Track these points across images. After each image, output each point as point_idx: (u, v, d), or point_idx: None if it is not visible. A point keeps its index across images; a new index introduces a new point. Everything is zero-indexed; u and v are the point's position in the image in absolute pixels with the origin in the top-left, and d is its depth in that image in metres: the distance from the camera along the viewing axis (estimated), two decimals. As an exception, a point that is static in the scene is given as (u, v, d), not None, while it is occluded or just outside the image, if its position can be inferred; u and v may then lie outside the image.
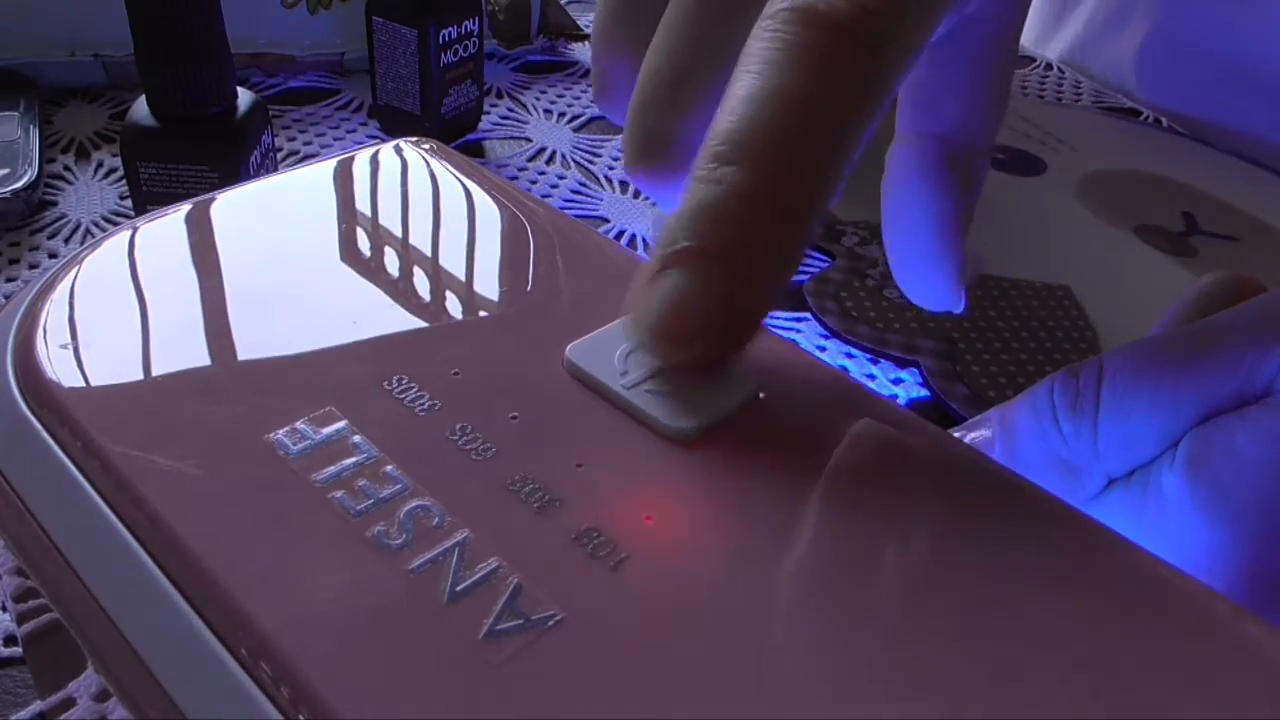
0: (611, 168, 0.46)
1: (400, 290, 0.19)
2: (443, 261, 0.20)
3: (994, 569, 0.15)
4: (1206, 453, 0.19)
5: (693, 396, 0.17)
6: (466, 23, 0.44)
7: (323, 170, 0.23)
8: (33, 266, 0.36)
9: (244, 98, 0.34)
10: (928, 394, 0.34)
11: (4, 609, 0.24)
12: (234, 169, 0.33)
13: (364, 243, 0.21)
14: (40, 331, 0.18)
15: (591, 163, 0.46)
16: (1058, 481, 0.21)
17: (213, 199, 0.21)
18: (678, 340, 0.16)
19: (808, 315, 0.37)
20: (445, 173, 0.23)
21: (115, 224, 0.39)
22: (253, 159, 0.34)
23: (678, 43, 0.20)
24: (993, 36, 0.22)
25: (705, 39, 0.20)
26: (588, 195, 0.44)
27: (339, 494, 0.15)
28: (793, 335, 0.36)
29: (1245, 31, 0.53)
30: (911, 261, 0.23)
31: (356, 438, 0.16)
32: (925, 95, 0.22)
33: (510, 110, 0.50)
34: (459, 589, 0.14)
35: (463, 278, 0.20)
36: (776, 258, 0.17)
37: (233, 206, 0.21)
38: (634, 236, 0.41)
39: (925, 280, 0.23)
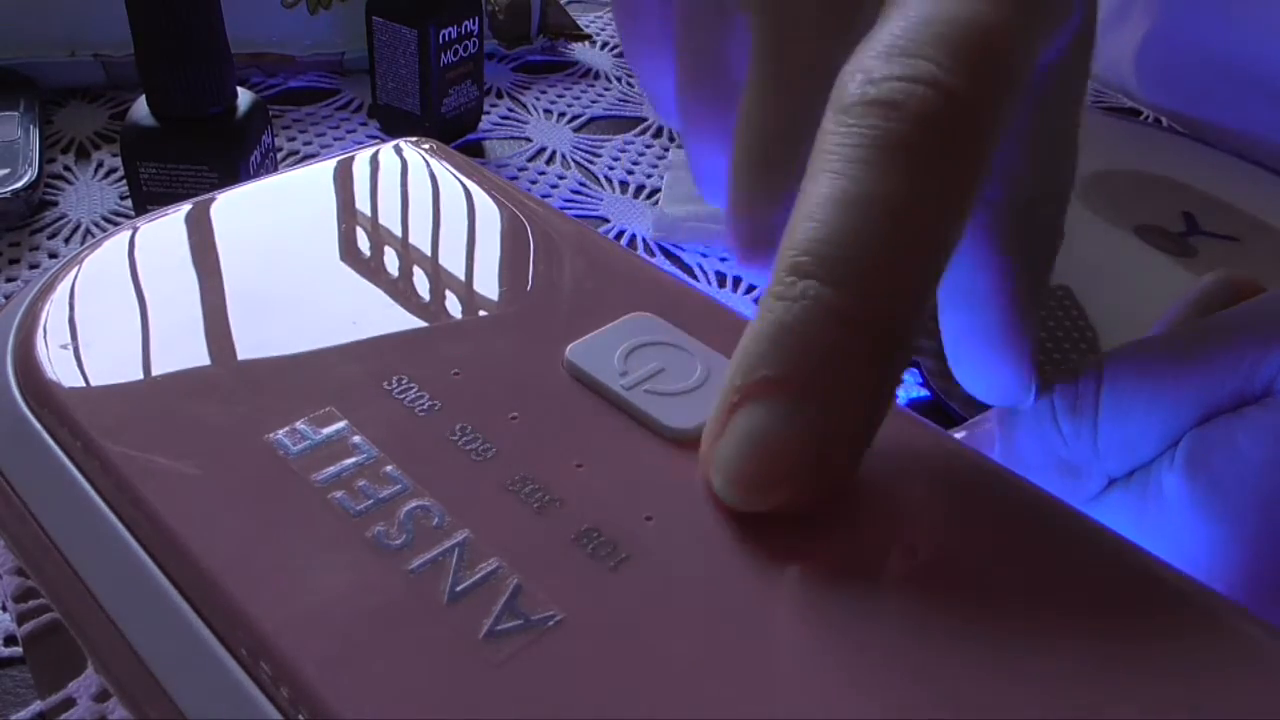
0: (611, 168, 0.46)
1: (400, 290, 0.19)
2: (443, 262, 0.20)
3: (993, 569, 0.15)
4: (1206, 452, 0.18)
5: (692, 397, 0.17)
6: (466, 23, 0.44)
7: (323, 170, 0.23)
8: (33, 266, 0.36)
9: (244, 98, 0.34)
10: (928, 394, 0.34)
11: (4, 609, 0.24)
12: (234, 169, 0.33)
13: (364, 243, 0.21)
14: (40, 331, 0.17)
15: (591, 163, 0.46)
16: (1058, 481, 0.20)
17: (213, 199, 0.21)
18: (762, 487, 0.14)
19: (808, 315, 0.37)
20: (445, 173, 0.23)
21: (115, 224, 0.39)
22: (253, 159, 0.34)
23: (755, 133, 0.19)
24: (1063, 85, 0.19)
25: (784, 130, 0.18)
26: (588, 195, 0.44)
27: (339, 494, 0.15)
28: (793, 335, 0.36)
29: (1245, 31, 0.53)
30: (974, 343, 0.20)
31: (356, 438, 0.16)
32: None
33: (510, 110, 0.50)
34: (459, 589, 0.14)
35: (462, 278, 0.20)
36: (873, 387, 0.14)
37: (233, 206, 0.21)
38: (634, 236, 0.41)
39: (988, 365, 0.20)
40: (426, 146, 0.24)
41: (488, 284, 0.20)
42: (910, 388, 0.34)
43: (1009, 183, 0.19)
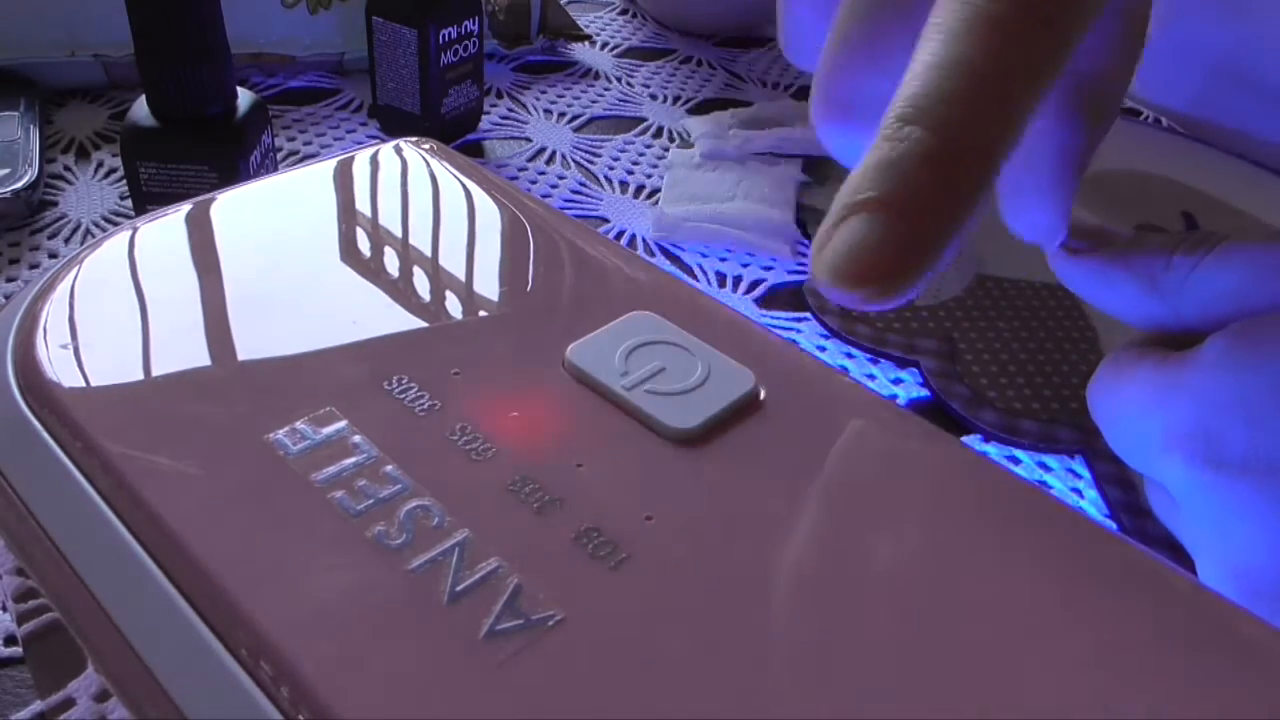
0: (611, 168, 0.46)
1: (400, 290, 0.19)
2: (442, 262, 0.20)
3: (993, 569, 0.15)
4: (1247, 324, 0.22)
5: (693, 396, 0.17)
6: (466, 23, 0.44)
7: (323, 170, 0.23)
8: (33, 266, 0.36)
9: (244, 98, 0.34)
10: (928, 394, 0.34)
11: (4, 609, 0.24)
12: (234, 169, 0.33)
13: (364, 243, 0.21)
14: (40, 331, 0.17)
15: (591, 163, 0.46)
16: (1138, 297, 0.24)
17: (213, 199, 0.21)
18: (858, 281, 0.17)
19: (808, 315, 0.37)
20: (445, 173, 0.23)
21: (115, 224, 0.39)
22: (253, 159, 0.34)
23: (860, 6, 0.22)
24: None
25: (887, 4, 0.21)
26: (588, 195, 0.44)
27: (339, 494, 0.15)
28: (793, 335, 0.36)
29: (1246, 33, 0.53)
30: (1024, 190, 0.24)
31: (356, 438, 0.16)
32: None
33: (510, 110, 0.50)
34: (459, 589, 0.14)
35: (462, 278, 0.20)
36: (952, 214, 0.17)
37: (233, 206, 0.21)
38: (634, 236, 0.41)
39: (1033, 211, 0.24)
40: (426, 146, 0.24)
41: (488, 284, 0.20)
42: (910, 388, 0.34)
43: (1089, 58, 0.22)
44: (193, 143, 0.33)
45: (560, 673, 0.13)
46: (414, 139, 0.24)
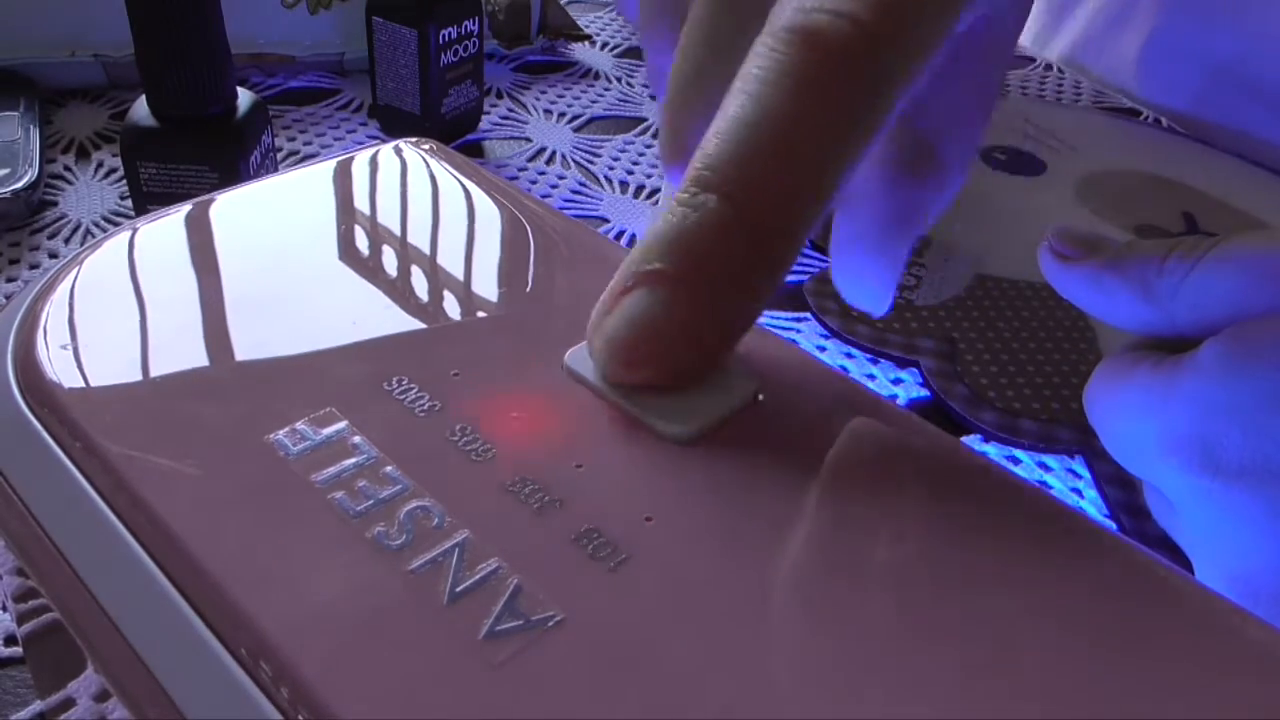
0: (611, 168, 0.46)
1: (400, 291, 0.19)
2: (442, 262, 0.20)
3: (993, 569, 0.15)
4: (1243, 328, 0.21)
5: (692, 399, 0.17)
6: (466, 23, 0.44)
7: (323, 170, 0.23)
8: (33, 267, 0.36)
9: (244, 98, 0.34)
10: (928, 394, 0.34)
11: (4, 609, 0.24)
12: (234, 169, 0.33)
13: (364, 243, 0.21)
14: (40, 332, 0.18)
15: (591, 163, 0.46)
16: (1131, 304, 0.23)
17: (213, 199, 0.21)
18: (630, 362, 0.16)
19: (808, 315, 0.37)
20: (445, 173, 0.23)
21: (115, 224, 0.39)
22: (253, 159, 0.34)
23: (692, 47, 0.20)
24: (989, 44, 0.22)
25: (717, 45, 0.20)
26: (588, 195, 0.44)
27: (339, 494, 0.15)
28: (793, 335, 0.36)
29: (1246, 34, 0.53)
30: (854, 249, 0.22)
31: (356, 438, 0.16)
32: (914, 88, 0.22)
33: (510, 110, 0.50)
34: (459, 589, 0.14)
35: (462, 278, 0.20)
36: (747, 293, 0.16)
37: (233, 206, 0.21)
38: (634, 236, 0.41)
39: (861, 273, 0.23)
40: (426, 147, 0.24)
41: (488, 284, 0.20)
42: (910, 388, 0.34)
43: (919, 122, 0.21)
44: (193, 143, 0.33)
45: (560, 673, 0.13)
46: (414, 139, 0.24)
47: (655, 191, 0.44)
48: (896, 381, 0.34)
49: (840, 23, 0.16)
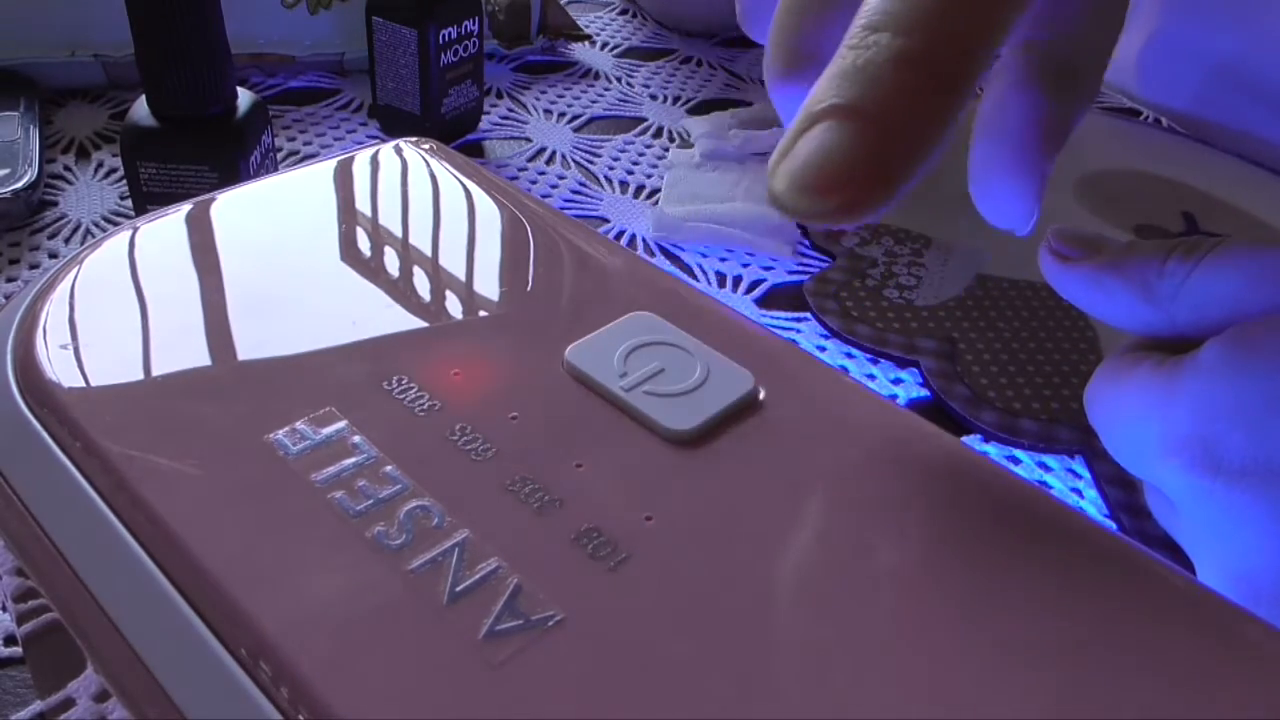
0: (611, 168, 0.46)
1: (400, 290, 0.19)
2: (442, 262, 0.20)
3: (993, 570, 0.15)
4: (1244, 329, 0.21)
5: (692, 397, 0.17)
6: (466, 23, 0.44)
7: (323, 170, 0.23)
8: (33, 266, 0.36)
9: (244, 98, 0.34)
10: (928, 394, 0.34)
11: (4, 609, 0.24)
12: (234, 169, 0.33)
13: (364, 243, 0.21)
14: (40, 332, 0.18)
15: (591, 163, 0.46)
16: (1131, 304, 0.23)
17: (213, 199, 0.21)
18: (827, 191, 0.16)
19: (808, 315, 0.37)
20: (445, 173, 0.23)
21: (115, 224, 0.39)
22: (253, 159, 0.34)
23: None
24: None
25: None
26: (588, 195, 0.44)
27: (339, 494, 0.15)
28: (793, 335, 0.36)
29: (1246, 32, 0.53)
30: (993, 168, 0.23)
31: (356, 438, 0.16)
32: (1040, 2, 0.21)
33: (510, 110, 0.50)
34: (459, 589, 0.14)
35: (462, 278, 0.20)
36: (928, 121, 0.16)
37: (233, 206, 0.21)
38: (634, 236, 0.41)
39: (1002, 192, 0.23)
40: (426, 146, 0.24)
41: (487, 284, 0.20)
42: (910, 388, 0.34)
43: (1056, 25, 0.22)
44: (193, 143, 0.33)
45: (560, 673, 0.13)
46: (414, 139, 0.24)
47: (655, 191, 0.44)
48: (896, 381, 0.34)
49: None
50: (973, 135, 0.23)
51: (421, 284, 0.20)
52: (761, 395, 0.17)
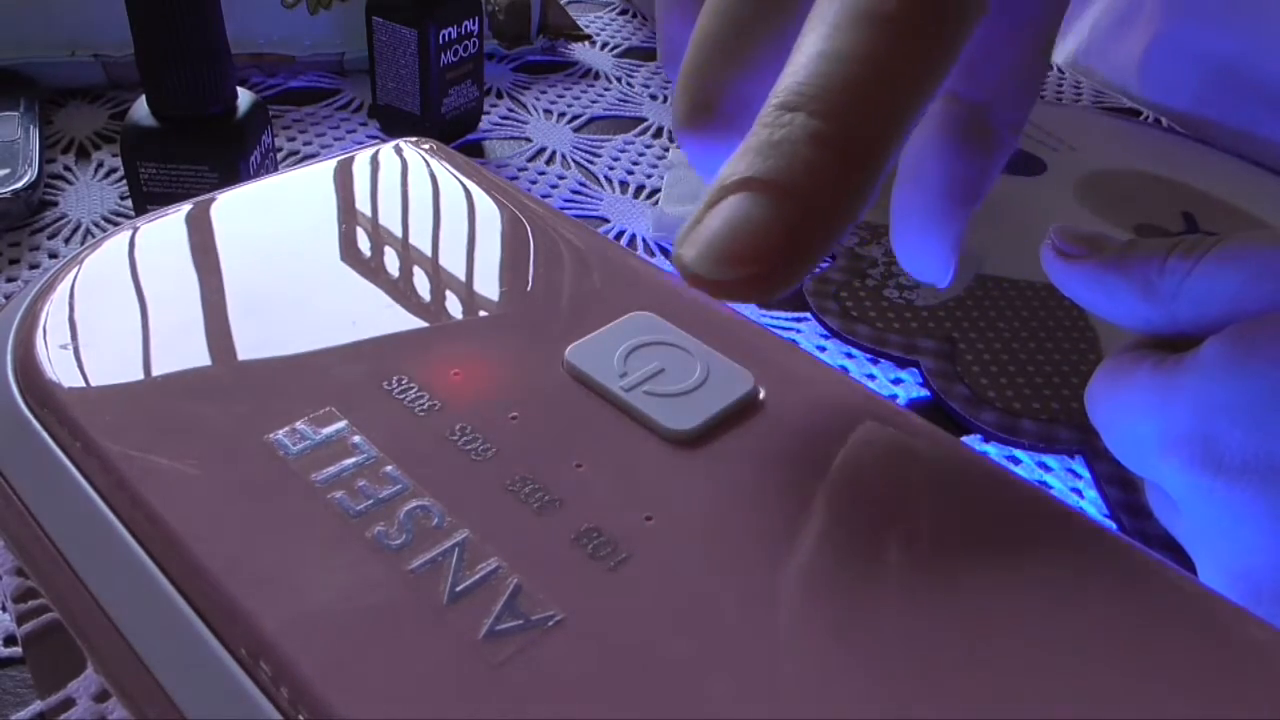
0: (611, 168, 0.46)
1: (400, 290, 0.19)
2: (442, 262, 0.20)
3: (993, 570, 0.15)
4: (1244, 327, 0.21)
5: (692, 397, 0.17)
6: (466, 23, 0.44)
7: (323, 170, 0.23)
8: (33, 266, 0.36)
9: (244, 98, 0.34)
10: (928, 394, 0.34)
11: (4, 609, 0.24)
12: (234, 169, 0.33)
13: (364, 243, 0.21)
14: (40, 332, 0.18)
15: (591, 163, 0.46)
16: (1131, 302, 0.24)
17: (213, 199, 0.21)
18: (737, 260, 0.16)
19: (808, 315, 0.37)
20: (445, 173, 0.23)
21: (115, 224, 0.39)
22: (253, 159, 0.34)
23: (728, 5, 0.21)
24: (1040, 10, 0.23)
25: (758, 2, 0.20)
26: (588, 195, 0.44)
27: (339, 494, 0.15)
28: (793, 335, 0.36)
29: (1248, 37, 0.53)
30: (912, 220, 0.23)
31: (356, 438, 0.16)
32: (967, 57, 0.22)
33: (510, 110, 0.50)
34: (459, 589, 0.14)
35: (462, 278, 0.20)
36: (843, 198, 0.16)
37: (233, 206, 0.21)
38: (634, 236, 0.41)
39: (921, 244, 0.23)
40: (426, 146, 0.24)
41: (487, 284, 0.20)
42: (910, 388, 0.34)
43: (976, 94, 0.23)
44: (193, 143, 0.33)
45: (560, 673, 0.13)
46: (414, 139, 0.24)
47: (655, 191, 0.44)
48: (896, 381, 0.34)
49: None
50: (897, 178, 0.23)
51: (421, 284, 0.20)
52: (761, 395, 0.17)
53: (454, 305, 0.19)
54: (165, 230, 0.20)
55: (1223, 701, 0.13)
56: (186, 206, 0.21)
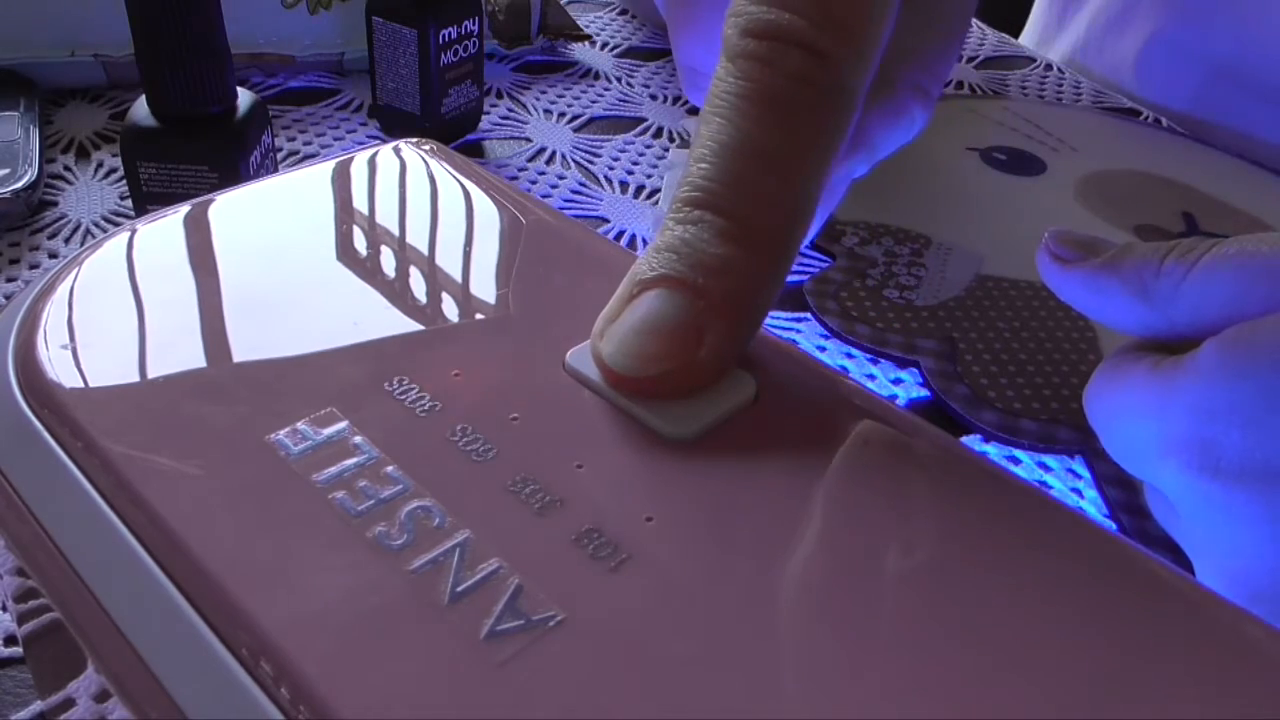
0: (611, 168, 0.46)
1: (400, 291, 0.19)
2: (442, 263, 0.20)
3: (992, 570, 0.15)
4: (1241, 329, 0.21)
5: (692, 400, 0.17)
6: (466, 23, 0.44)
7: (322, 171, 0.23)
8: (33, 267, 0.36)
9: (244, 98, 0.34)
10: (928, 394, 0.34)
11: (4, 609, 0.24)
12: (234, 169, 0.33)
13: (364, 244, 0.21)
14: (41, 332, 0.18)
15: (591, 163, 0.46)
16: (1129, 305, 0.24)
17: (213, 199, 0.21)
18: (651, 359, 0.16)
19: (808, 315, 0.37)
20: (444, 174, 0.23)
21: (115, 224, 0.39)
22: (253, 159, 0.34)
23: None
24: None
25: None
26: (588, 195, 0.44)
27: (340, 494, 0.15)
28: (793, 335, 0.36)
29: (1246, 32, 0.53)
30: None
31: (357, 438, 0.16)
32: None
33: (510, 110, 0.50)
34: (460, 589, 0.14)
35: (462, 279, 0.20)
36: (754, 293, 0.17)
37: (233, 207, 0.21)
38: (634, 237, 0.41)
39: None
40: (426, 147, 0.24)
41: (488, 285, 0.20)
42: (910, 388, 0.34)
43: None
44: (193, 143, 0.33)
45: (561, 673, 0.13)
46: (414, 139, 0.24)
47: (655, 191, 0.44)
48: (896, 381, 0.34)
49: (795, 56, 0.17)
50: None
51: (421, 285, 0.20)
52: (761, 396, 0.17)
53: (454, 306, 0.19)
54: (165, 231, 0.20)
55: (1221, 701, 0.13)
56: (186, 207, 0.21)
